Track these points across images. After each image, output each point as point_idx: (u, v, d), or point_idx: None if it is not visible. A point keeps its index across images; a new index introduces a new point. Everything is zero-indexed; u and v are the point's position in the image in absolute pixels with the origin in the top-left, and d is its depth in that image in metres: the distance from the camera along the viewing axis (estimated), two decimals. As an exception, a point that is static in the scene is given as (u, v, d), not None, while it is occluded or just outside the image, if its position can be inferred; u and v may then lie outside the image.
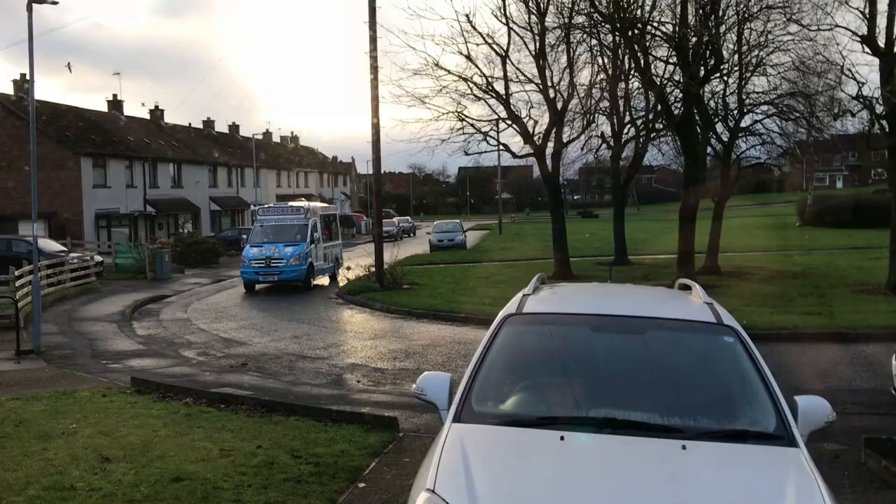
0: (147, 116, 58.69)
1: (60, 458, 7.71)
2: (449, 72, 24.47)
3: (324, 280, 27.83)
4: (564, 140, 26.65)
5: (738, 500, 3.43)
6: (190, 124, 64.58)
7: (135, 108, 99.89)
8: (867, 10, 18.40)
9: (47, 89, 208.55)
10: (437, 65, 24.25)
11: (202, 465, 7.39)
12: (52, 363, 14.03)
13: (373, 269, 24.74)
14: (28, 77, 16.58)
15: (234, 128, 72.03)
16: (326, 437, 8.37)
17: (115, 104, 54.41)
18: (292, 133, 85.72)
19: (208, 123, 67.59)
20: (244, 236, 37.56)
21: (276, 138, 79.24)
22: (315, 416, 9.29)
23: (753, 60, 24.43)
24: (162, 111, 59.77)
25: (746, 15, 22.47)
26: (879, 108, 19.20)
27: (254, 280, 25.43)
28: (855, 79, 19.20)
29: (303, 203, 28.28)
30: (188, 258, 35.78)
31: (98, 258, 30.46)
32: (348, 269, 27.25)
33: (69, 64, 39.79)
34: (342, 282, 25.99)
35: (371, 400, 10.73)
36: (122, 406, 10.04)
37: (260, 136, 67.38)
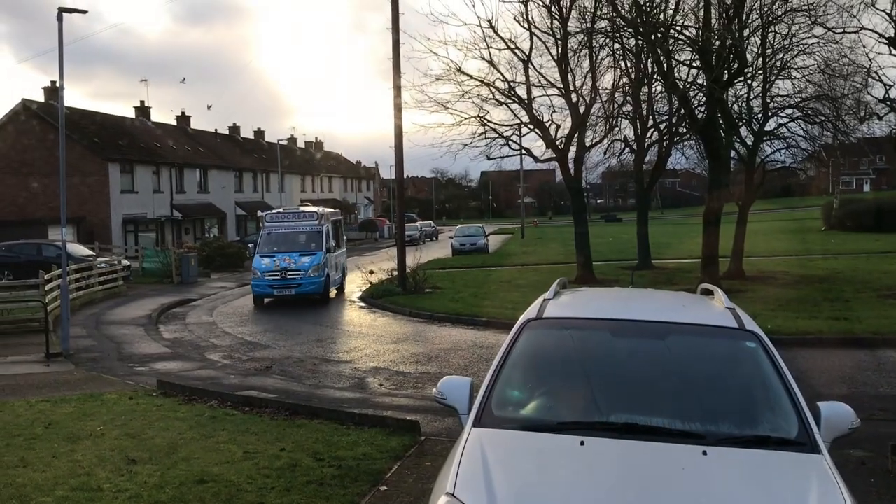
0: (174, 122, 59.34)
1: (88, 459, 7.84)
2: (471, 77, 24.53)
3: (331, 292, 24.95)
4: (587, 144, 26.59)
5: None
6: (216, 130, 65.25)
7: (162, 115, 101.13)
8: (894, 12, 18.21)
9: (75, 96, 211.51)
10: (459, 70, 24.32)
11: (226, 467, 7.48)
12: (80, 366, 14.24)
13: (395, 273, 24.83)
14: (58, 84, 16.80)
15: (259, 133, 72.62)
16: (349, 440, 8.43)
17: (143, 110, 55.07)
18: (316, 138, 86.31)
19: (234, 129, 68.22)
20: (251, 245, 34.05)
21: (300, 143, 79.76)
22: (337, 419, 9.37)
23: (778, 64, 24.22)
24: (188, 117, 60.44)
25: (770, 18, 22.28)
26: (907, 111, 18.98)
27: (266, 294, 23.09)
28: (882, 81, 19.08)
29: (315, 208, 26.24)
30: (214, 262, 36.11)
31: (125, 262, 30.83)
32: (371, 272, 26.87)
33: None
34: (365, 286, 25.94)
35: (393, 404, 10.79)
36: (148, 408, 10.18)
37: (284, 142, 67.86)
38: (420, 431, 8.83)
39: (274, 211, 25.48)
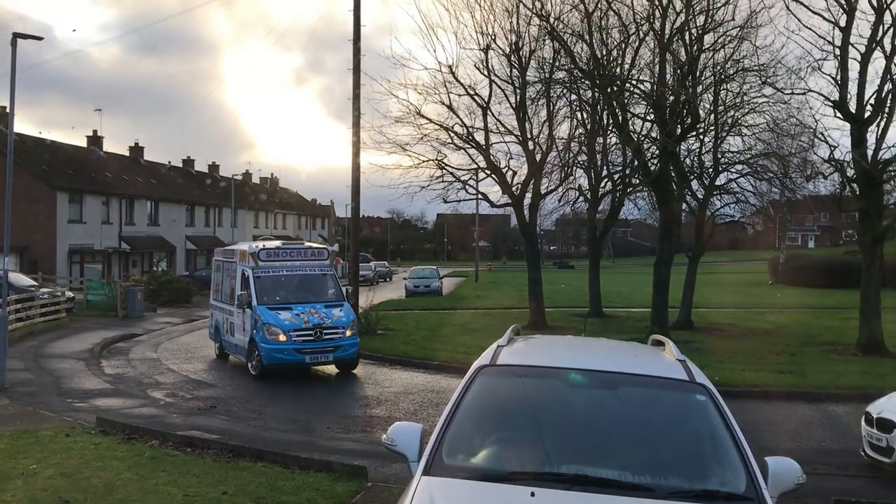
0: (127, 153, 58.53)
1: (18, 500, 7.50)
2: (430, 120, 24.76)
3: None
4: (542, 191, 26.97)
5: None
6: (169, 162, 64.47)
7: (116, 145, 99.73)
8: (839, 77, 18.93)
9: (23, 124, 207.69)
10: (418, 113, 24.55)
11: (165, 511, 7.22)
12: (15, 400, 13.70)
13: (348, 314, 24.57)
14: (8, 110, 16.47)
15: (213, 167, 72.00)
16: (293, 484, 8.22)
17: (95, 140, 54.24)
18: (272, 174, 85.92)
19: (188, 162, 67.54)
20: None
21: (255, 179, 79.27)
22: (283, 462, 9.14)
23: (729, 120, 24.97)
24: (142, 148, 59.70)
25: (723, 76, 23.02)
26: (850, 172, 19.64)
27: (292, 363, 16.53)
28: (827, 142, 19.69)
29: (318, 244, 20.53)
30: (161, 297, 35.40)
31: (69, 294, 30.04)
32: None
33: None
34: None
35: (340, 447, 10.59)
36: (85, 447, 9.81)
37: (239, 177, 67.36)
38: (367, 477, 8.65)
39: (269, 245, 18.36)
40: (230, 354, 19.05)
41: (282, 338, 16.29)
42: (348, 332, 17.03)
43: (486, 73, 24.65)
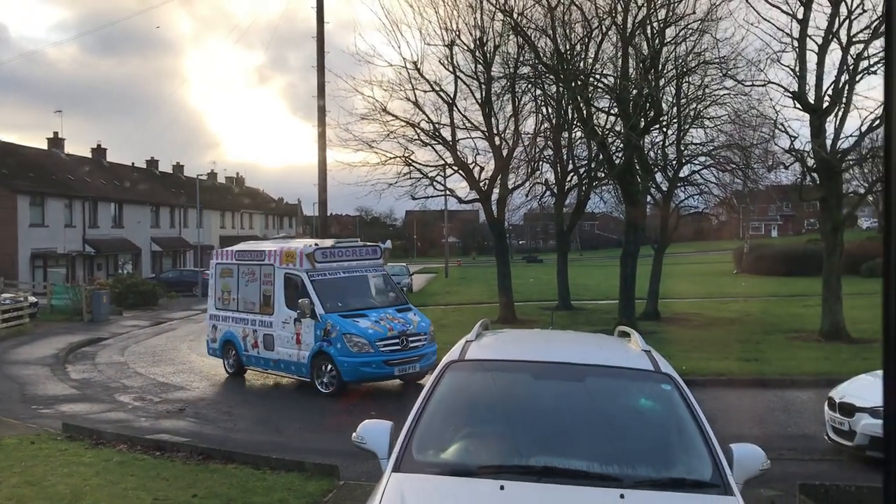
0: (89, 155, 57.64)
1: (-17, 509, 7.38)
2: (396, 117, 24.72)
3: None
4: (509, 187, 27.05)
5: None
6: (133, 164, 63.70)
7: (78, 147, 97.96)
8: (797, 68, 19.24)
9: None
10: (384, 110, 24.48)
11: (134, 515, 7.15)
12: (-22, 409, 13.47)
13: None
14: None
15: (178, 168, 71.20)
16: (265, 485, 8.19)
17: (56, 142, 53.35)
18: (237, 174, 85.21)
19: (152, 163, 66.73)
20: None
21: (220, 179, 78.53)
22: (253, 463, 9.09)
23: (691, 113, 25.26)
24: (104, 150, 58.84)
25: (685, 69, 23.28)
26: (810, 162, 19.98)
27: (378, 376, 14.78)
28: (787, 133, 20.00)
29: (370, 242, 17.99)
30: (127, 300, 34.93)
31: (32, 299, 29.50)
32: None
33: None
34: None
35: (312, 447, 10.56)
36: (51, 454, 9.67)
37: (204, 177, 66.69)
38: (339, 476, 8.64)
39: (324, 244, 16.08)
40: (250, 370, 16.71)
41: (360, 346, 14.34)
42: (430, 338, 15.52)
43: (451, 68, 24.68)
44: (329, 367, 14.53)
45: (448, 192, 28.72)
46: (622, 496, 3.78)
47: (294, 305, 15.07)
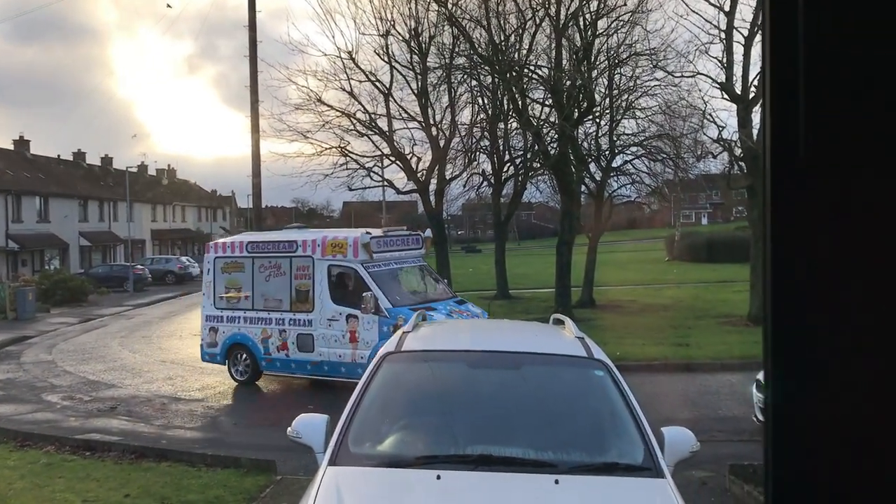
0: (11, 147, 55.52)
1: None
2: (332, 107, 24.48)
3: None
4: (447, 177, 27.08)
5: None
6: (59, 156, 61.55)
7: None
8: (725, 60, 19.75)
9: None
10: (319, 100, 24.24)
11: (63, 518, 6.95)
12: None
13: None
14: None
15: (106, 160, 69.06)
16: (200, 482, 8.05)
17: (-25, 133, 51.25)
18: (169, 166, 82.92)
19: (79, 155, 64.63)
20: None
21: (151, 171, 76.51)
22: (188, 461, 8.94)
23: (623, 104, 25.65)
24: (28, 142, 56.71)
25: (616, 61, 23.64)
26: (738, 151, 20.55)
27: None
28: (715, 123, 20.54)
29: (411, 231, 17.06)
30: (54, 296, 33.78)
31: (-49, 297, 28.33)
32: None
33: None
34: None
35: (249, 443, 10.43)
36: (-26, 458, 9.33)
37: (134, 169, 64.74)
38: (276, 471, 8.56)
39: (376, 233, 14.82)
40: (269, 375, 15.22)
41: None
42: None
43: (386, 59, 24.58)
44: None
45: (386, 183, 28.61)
46: (557, 482, 3.84)
47: (343, 300, 13.78)
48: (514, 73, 22.54)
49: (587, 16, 22.28)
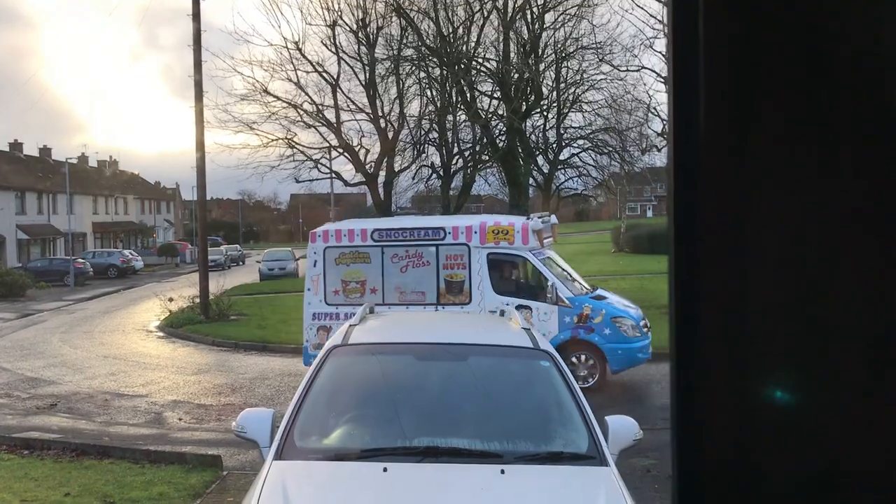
0: (-58, 136, 53.66)
1: None
2: (278, 98, 24.25)
3: None
4: (396, 169, 27.01)
5: None
6: (-7, 146, 59.64)
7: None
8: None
9: None
10: (265, 91, 23.97)
11: (-1, 519, 6.77)
12: None
13: (197, 301, 23.75)
14: None
15: (45, 151, 67.16)
16: (143, 479, 7.91)
17: None
18: (110, 157, 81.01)
19: (15, 146, 62.65)
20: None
21: (93, 162, 74.64)
22: (131, 457, 8.77)
23: (570, 97, 25.96)
24: (-40, 131, 54.89)
25: (564, 54, 23.89)
26: (681, 145, 20.92)
27: (641, 362, 13.33)
28: (660, 116, 20.91)
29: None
30: (-10, 292, 32.84)
31: None
32: (171, 300, 25.40)
33: None
34: (164, 314, 24.48)
35: (193, 438, 10.28)
36: None
37: (74, 160, 63.12)
38: (222, 466, 8.46)
39: (535, 218, 14.05)
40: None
41: (637, 332, 12.89)
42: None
43: (333, 49, 24.38)
44: (586, 357, 12.61)
45: (334, 175, 28.42)
46: (503, 472, 3.87)
47: (509, 291, 12.84)
48: (462, 66, 22.59)
49: (534, 9, 22.48)
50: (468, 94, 23.34)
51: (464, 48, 23.21)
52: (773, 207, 0.86)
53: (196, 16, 22.87)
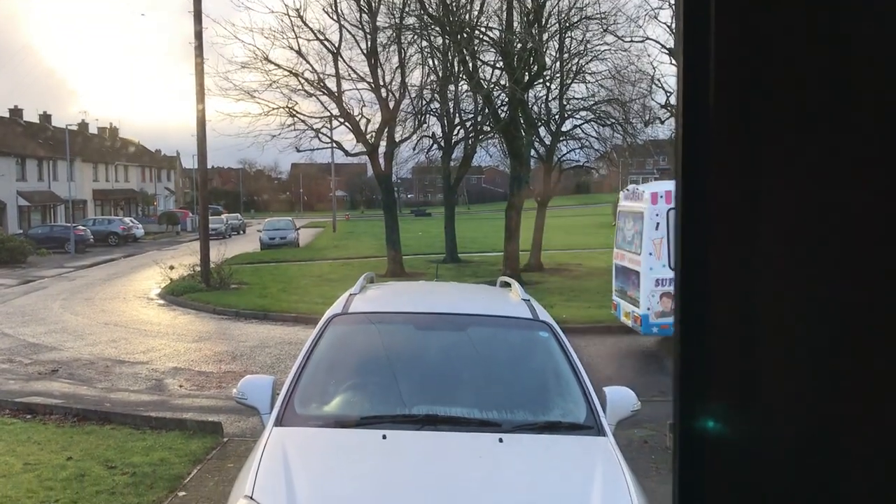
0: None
1: None
2: (279, 66, 24.04)
3: None
4: (396, 139, 26.88)
5: (549, 489, 3.62)
6: (-7, 112, 59.35)
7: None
8: (674, 25, 19.89)
9: None
10: (266, 59, 23.76)
11: (1, 482, 6.84)
12: None
13: (198, 269, 23.80)
14: None
15: (45, 117, 66.81)
16: (144, 445, 7.99)
17: None
18: (111, 124, 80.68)
19: (16, 112, 62.35)
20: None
21: (93, 129, 74.32)
22: (132, 423, 8.86)
23: (573, 68, 25.75)
24: (-40, 97, 54.57)
25: (567, 24, 23.65)
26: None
27: None
28: (664, 88, 20.79)
29: None
30: (-9, 258, 32.90)
31: None
32: (172, 268, 25.51)
33: None
34: (165, 282, 24.52)
35: (194, 405, 10.35)
36: None
37: (75, 127, 62.91)
38: (223, 433, 8.53)
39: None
40: None
41: None
42: None
43: (335, 17, 24.14)
44: None
45: (334, 145, 28.29)
46: (500, 440, 3.91)
47: None
48: (464, 35, 22.38)
49: (539, -22, 22.20)
50: (470, 64, 23.14)
51: (467, 17, 22.98)
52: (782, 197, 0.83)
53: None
